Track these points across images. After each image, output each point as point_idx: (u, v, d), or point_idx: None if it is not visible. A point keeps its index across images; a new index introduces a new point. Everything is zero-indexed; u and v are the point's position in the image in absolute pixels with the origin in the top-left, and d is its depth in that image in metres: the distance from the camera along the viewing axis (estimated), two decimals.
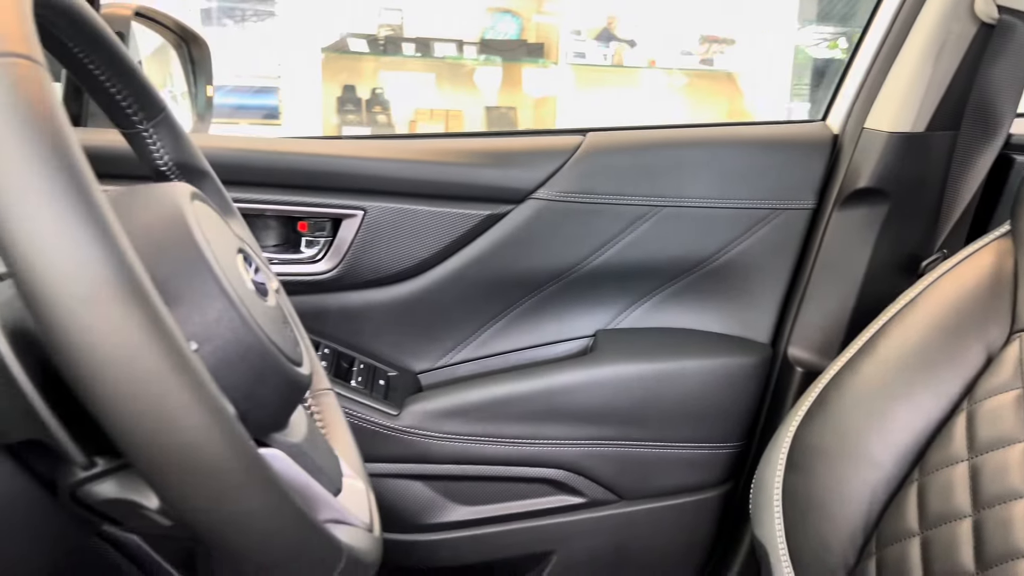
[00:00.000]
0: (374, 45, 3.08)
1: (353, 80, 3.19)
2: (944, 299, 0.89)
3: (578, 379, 1.01)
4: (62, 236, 0.29)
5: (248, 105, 3.08)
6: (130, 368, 0.30)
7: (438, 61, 3.16)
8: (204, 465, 0.33)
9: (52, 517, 0.43)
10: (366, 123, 3.18)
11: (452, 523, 0.99)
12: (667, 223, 1.02)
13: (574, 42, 3.16)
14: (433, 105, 3.29)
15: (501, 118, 3.35)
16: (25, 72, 0.32)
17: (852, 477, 0.86)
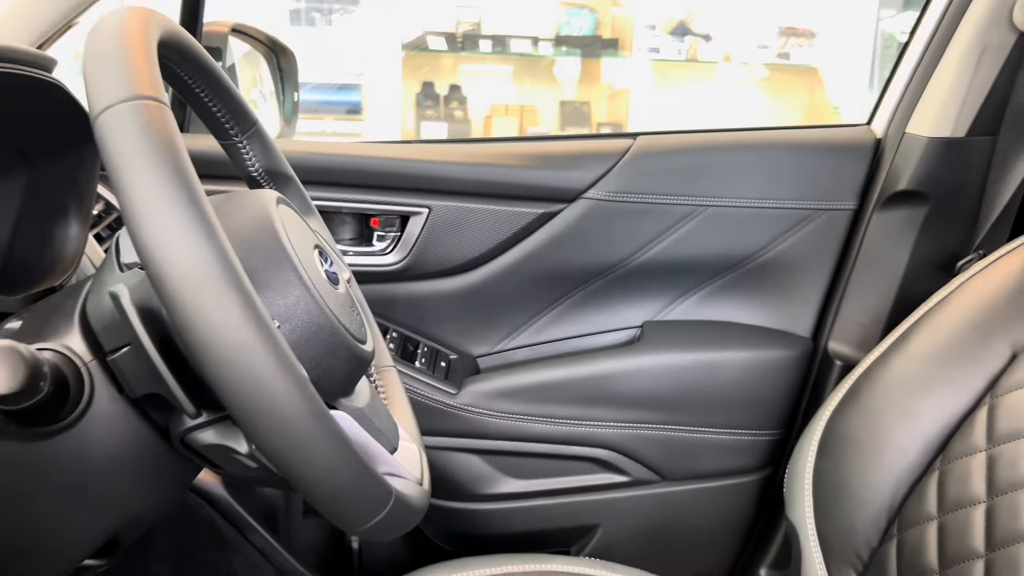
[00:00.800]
0: (452, 42, 3.19)
1: (432, 77, 3.31)
2: (975, 297, 0.93)
3: (625, 366, 1.09)
4: (182, 239, 0.39)
5: (332, 101, 3.24)
6: (229, 340, 0.40)
7: (514, 57, 3.24)
8: (284, 418, 0.42)
9: (164, 458, 0.54)
10: (444, 118, 3.29)
11: (505, 494, 1.09)
12: (712, 222, 1.08)
13: (648, 37, 3.19)
14: (508, 100, 3.38)
15: (575, 112, 3.41)
16: (154, 112, 0.43)
17: (879, 464, 0.91)
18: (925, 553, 0.84)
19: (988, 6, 0.98)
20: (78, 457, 0.52)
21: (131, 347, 0.49)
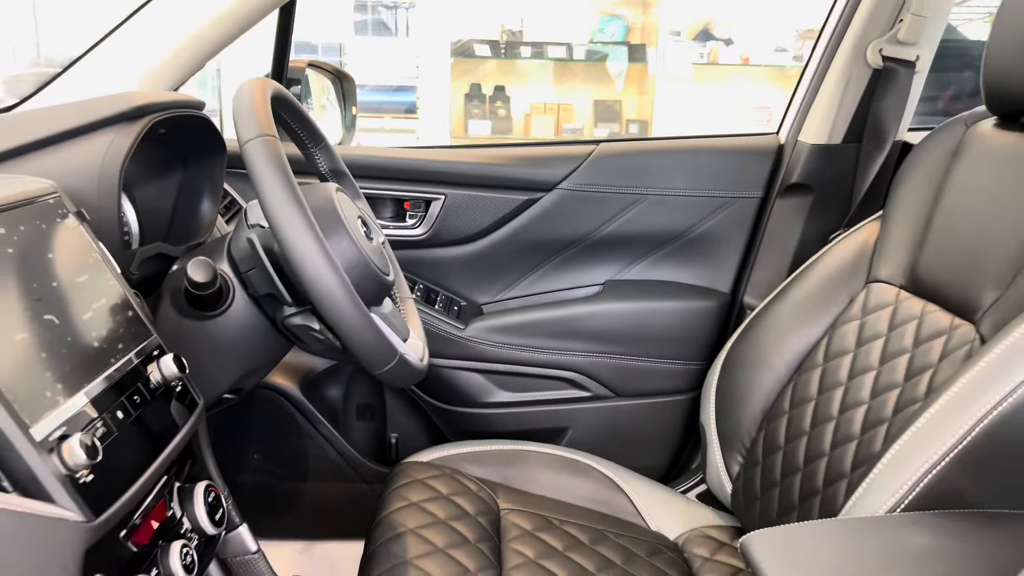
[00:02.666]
0: (496, 49, 3.59)
1: (478, 79, 3.72)
2: (832, 260, 1.29)
3: (590, 311, 1.48)
4: (288, 212, 0.80)
5: (390, 101, 3.67)
6: (311, 262, 0.80)
7: (551, 61, 3.62)
8: (339, 305, 0.82)
9: (271, 335, 0.96)
10: (488, 117, 3.70)
11: (499, 403, 1.50)
12: (655, 207, 1.47)
13: (672, 43, 3.53)
14: (547, 100, 3.76)
15: (607, 110, 3.78)
16: (272, 143, 0.83)
17: (758, 380, 1.28)
18: (779, 436, 1.21)
19: (852, 47, 1.34)
20: (225, 332, 0.94)
21: (258, 268, 0.91)
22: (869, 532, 0.81)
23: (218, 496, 0.80)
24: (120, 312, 0.75)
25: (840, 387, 1.16)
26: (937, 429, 0.86)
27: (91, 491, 0.58)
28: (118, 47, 1.15)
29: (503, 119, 3.69)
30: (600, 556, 1.14)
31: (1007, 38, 1.00)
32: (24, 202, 0.69)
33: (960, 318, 1.03)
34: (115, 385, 0.67)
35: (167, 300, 0.93)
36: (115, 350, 0.70)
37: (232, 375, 0.97)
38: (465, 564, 1.06)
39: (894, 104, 1.32)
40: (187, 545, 0.71)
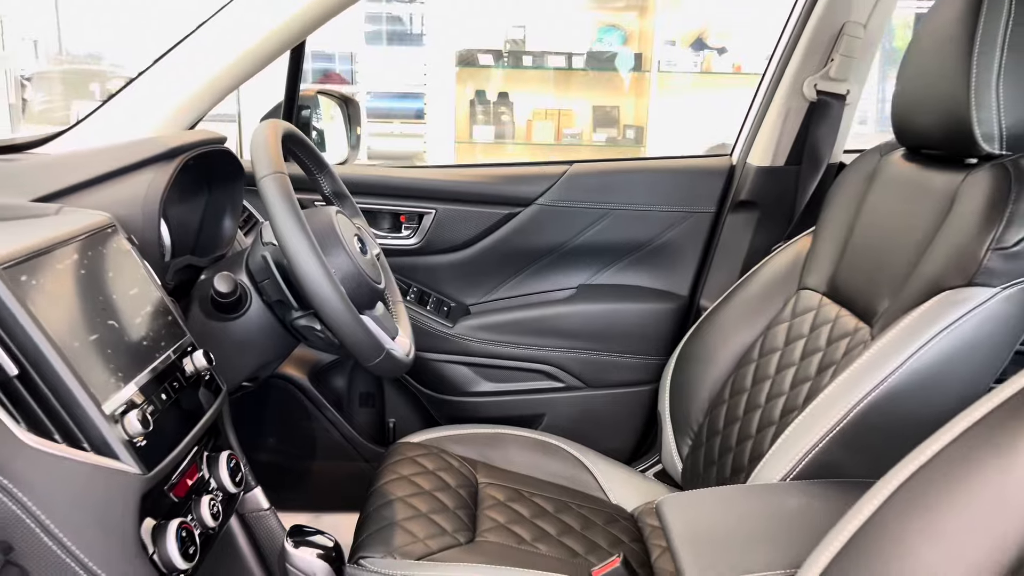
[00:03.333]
0: (499, 58, 3.79)
1: (483, 86, 3.91)
2: (770, 269, 1.48)
3: (565, 312, 1.68)
4: (293, 236, 1.00)
5: (399, 108, 3.87)
6: (312, 276, 1.01)
7: (551, 70, 3.81)
8: (335, 310, 1.03)
9: (281, 333, 1.16)
10: (492, 122, 3.89)
11: (483, 392, 1.70)
12: (621, 220, 1.66)
13: (667, 51, 3.71)
14: (549, 105, 3.95)
15: (605, 115, 3.96)
16: (281, 179, 1.03)
17: (704, 372, 1.47)
18: (719, 422, 1.41)
19: (791, 82, 1.53)
20: (244, 331, 1.14)
21: (270, 279, 1.11)
22: (757, 496, 1.00)
23: (238, 463, 1.01)
24: (162, 317, 0.95)
25: (768, 380, 1.35)
26: (821, 414, 1.06)
27: (145, 452, 0.78)
28: (145, 89, 1.36)
29: (506, 124, 3.88)
30: (562, 522, 1.34)
31: (911, 80, 1.17)
32: (91, 232, 0.89)
33: (862, 322, 1.22)
34: (159, 374, 0.88)
35: (196, 305, 1.13)
36: (159, 347, 0.91)
37: (250, 366, 1.18)
38: (444, 526, 1.26)
39: (828, 132, 1.51)
40: (214, 499, 0.92)
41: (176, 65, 1.37)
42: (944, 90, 1.07)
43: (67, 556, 0.70)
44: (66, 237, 0.85)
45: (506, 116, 3.88)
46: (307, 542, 0.90)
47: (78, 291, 0.82)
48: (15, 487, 0.66)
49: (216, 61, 1.36)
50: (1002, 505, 0.67)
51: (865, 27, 1.47)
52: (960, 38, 1.05)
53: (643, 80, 3.78)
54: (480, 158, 3.93)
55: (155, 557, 0.78)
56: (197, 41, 1.36)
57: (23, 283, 0.74)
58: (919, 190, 1.19)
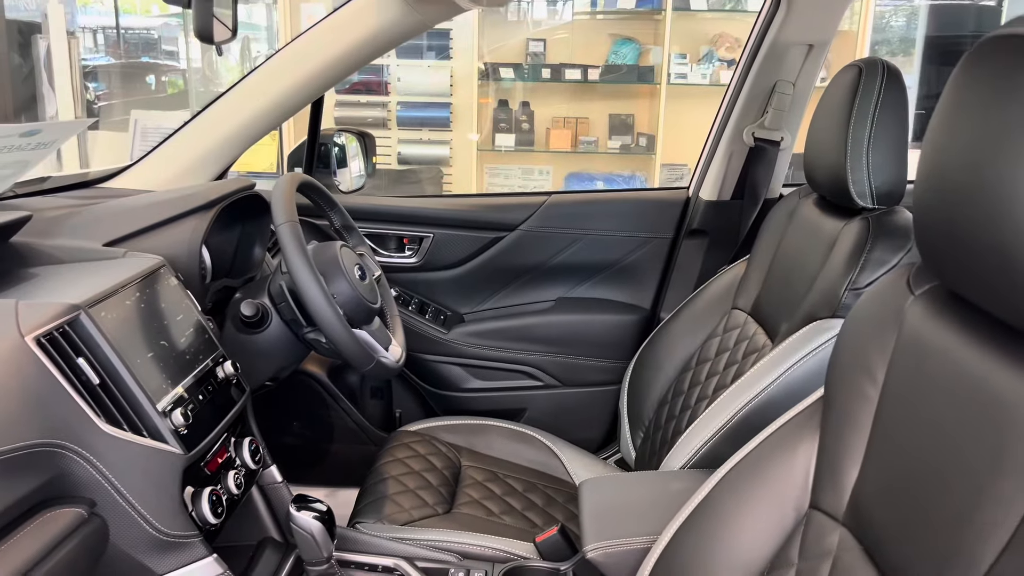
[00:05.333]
0: (519, 71, 4.05)
1: (506, 95, 4.18)
2: (712, 289, 1.73)
3: (545, 321, 1.96)
4: (301, 272, 1.30)
5: (428, 116, 4.16)
6: (314, 301, 1.30)
7: (569, 83, 4.06)
8: (334, 327, 1.32)
9: (295, 344, 1.46)
10: (514, 130, 4.16)
11: (474, 388, 1.99)
12: (593, 243, 1.93)
13: (677, 65, 3.93)
14: (567, 114, 4.20)
15: (621, 124, 4.19)
16: (294, 227, 1.33)
17: (654, 376, 1.73)
18: (662, 418, 1.67)
19: (733, 129, 1.78)
20: (266, 343, 1.45)
21: (286, 302, 1.41)
22: (655, 480, 1.27)
23: (258, 447, 1.32)
24: (200, 335, 1.26)
25: (699, 385, 1.61)
26: (715, 415, 1.32)
27: (186, 438, 1.08)
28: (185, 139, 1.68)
29: (526, 132, 4.14)
30: (528, 499, 1.63)
31: (812, 139, 1.42)
32: (148, 273, 1.20)
33: (769, 339, 1.48)
34: (198, 379, 1.18)
35: (229, 321, 1.44)
36: (197, 359, 1.21)
37: (270, 370, 1.48)
38: (426, 500, 1.56)
39: (765, 172, 1.76)
40: (238, 474, 1.23)
41: (211, 120, 1.68)
42: (829, 152, 1.32)
43: (132, 510, 1.00)
44: (130, 279, 1.15)
45: (526, 124, 4.14)
46: (307, 507, 1.20)
47: (139, 319, 1.13)
48: (97, 461, 0.97)
49: (246, 117, 1.67)
50: (785, 491, 0.95)
51: (794, 85, 1.71)
52: (841, 112, 1.30)
53: (655, 92, 4.01)
54: (503, 163, 4.21)
55: (193, 514, 1.09)
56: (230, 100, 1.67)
57: (102, 317, 1.05)
58: (817, 231, 1.44)
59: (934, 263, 0.75)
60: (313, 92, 1.71)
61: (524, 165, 4.24)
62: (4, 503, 0.87)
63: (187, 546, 1.07)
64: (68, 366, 0.97)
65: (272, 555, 1.32)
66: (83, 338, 1.01)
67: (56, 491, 0.95)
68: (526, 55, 4.10)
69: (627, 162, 4.18)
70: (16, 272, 1.21)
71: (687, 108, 3.97)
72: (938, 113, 0.70)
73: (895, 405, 0.80)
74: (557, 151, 4.12)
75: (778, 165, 1.77)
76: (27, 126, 1.28)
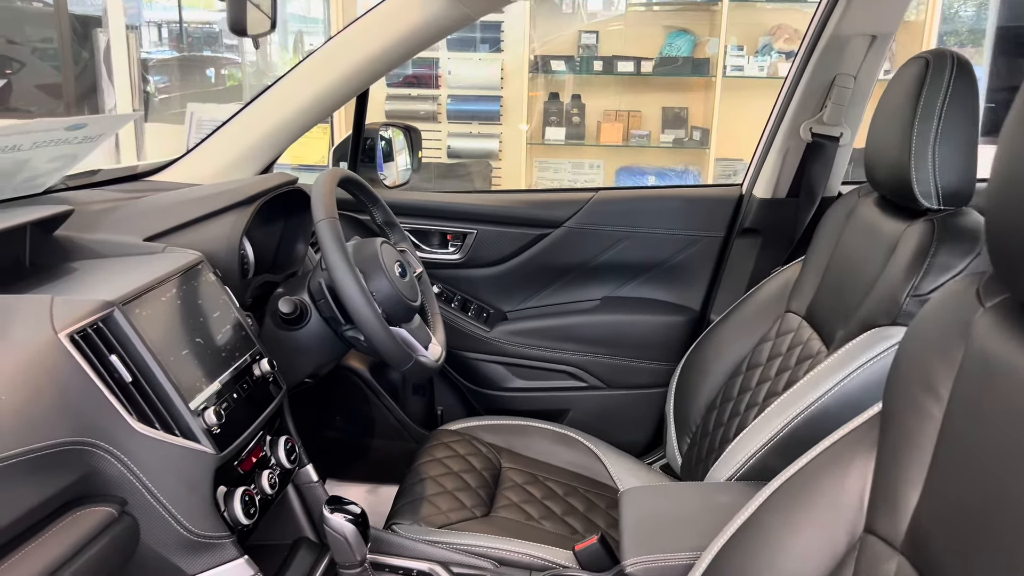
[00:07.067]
0: (571, 63, 3.99)
1: (557, 88, 4.13)
2: (764, 291, 1.67)
3: (589, 320, 1.92)
4: (339, 269, 1.27)
5: (478, 110, 4.13)
6: (352, 297, 1.28)
7: (622, 75, 3.99)
8: (372, 326, 1.30)
9: (335, 341, 1.44)
10: (564, 124, 4.11)
11: (516, 388, 1.96)
12: (641, 241, 1.88)
13: (733, 57, 3.83)
14: (619, 107, 4.13)
15: (675, 117, 4.11)
16: (334, 224, 1.31)
17: (702, 381, 1.68)
18: (710, 425, 1.62)
19: (789, 125, 1.70)
20: (305, 340, 1.43)
21: (324, 299, 1.39)
22: (700, 492, 1.22)
23: (293, 445, 1.30)
24: (238, 332, 1.25)
25: (749, 391, 1.55)
26: (765, 425, 1.26)
27: (218, 437, 1.07)
28: (232, 133, 1.67)
29: (576, 126, 4.08)
30: (568, 504, 1.59)
31: (873, 136, 1.34)
32: (186, 269, 1.19)
33: (824, 345, 1.41)
34: (234, 378, 1.17)
35: (268, 318, 1.43)
36: (233, 356, 1.20)
37: (309, 368, 1.47)
38: (465, 502, 1.53)
39: (822, 170, 1.68)
40: (272, 473, 1.21)
41: (260, 112, 1.67)
42: (892, 150, 1.25)
43: (163, 510, 0.99)
44: (168, 275, 1.14)
45: (577, 118, 4.09)
46: (341, 509, 1.17)
47: (175, 316, 1.12)
48: (128, 460, 0.96)
49: (292, 110, 1.66)
50: (837, 512, 0.89)
51: (855, 78, 1.63)
52: (905, 108, 1.22)
53: (710, 84, 3.91)
54: (553, 157, 4.16)
55: (225, 515, 1.07)
56: (276, 93, 1.66)
57: (136, 313, 1.04)
58: (877, 233, 1.37)
59: (1008, 273, 0.68)
60: (358, 85, 1.69)
61: (574, 159, 4.18)
62: (34, 501, 0.87)
63: (218, 547, 1.06)
64: (101, 363, 0.96)
65: (306, 556, 1.30)
66: (116, 335, 1.00)
67: (86, 489, 0.94)
68: (578, 47, 4.04)
69: (680, 156, 4.09)
70: (58, 266, 1.21)
71: (743, 101, 3.86)
72: (1017, 108, 0.64)
73: (961, 426, 0.74)
74: (608, 145, 4.06)
75: (836, 162, 1.69)
76: (73, 120, 1.28)
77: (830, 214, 1.55)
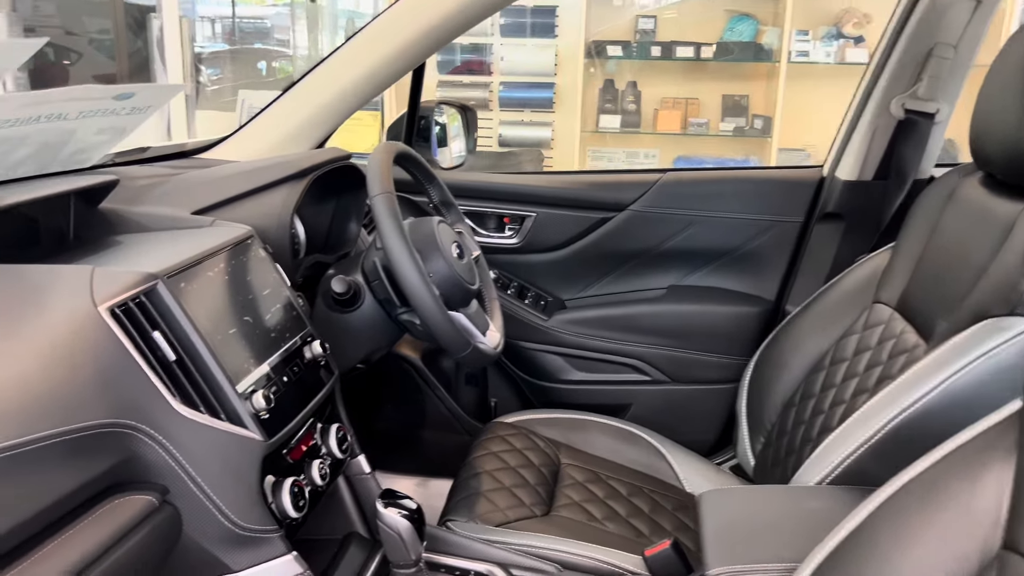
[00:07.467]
0: (627, 49, 3.87)
1: (612, 75, 4.01)
2: (849, 280, 1.54)
3: (654, 310, 1.81)
4: (396, 248, 1.19)
5: (530, 97, 4.04)
6: (409, 280, 1.19)
7: (680, 61, 3.85)
8: (429, 309, 1.21)
9: (388, 325, 1.36)
10: (619, 111, 3.98)
11: (574, 380, 1.86)
12: (711, 226, 1.76)
13: (798, 42, 3.66)
14: (676, 94, 3.99)
15: (735, 105, 3.96)
16: (390, 199, 1.22)
17: (779, 376, 1.56)
18: (788, 423, 1.50)
19: (879, 100, 1.57)
20: (358, 323, 1.35)
21: (379, 280, 1.31)
22: (786, 496, 1.11)
23: (345, 434, 1.22)
24: (288, 312, 1.17)
25: (834, 388, 1.43)
26: (860, 425, 1.14)
27: (267, 423, 0.99)
28: (285, 108, 1.60)
29: (632, 114, 3.96)
30: (632, 505, 1.49)
31: (983, 107, 1.21)
32: (235, 243, 1.11)
33: (921, 339, 1.28)
34: (284, 360, 1.09)
35: (320, 299, 1.35)
36: (284, 337, 1.12)
37: (361, 352, 1.39)
38: (523, 499, 1.43)
39: (914, 149, 1.54)
40: (323, 463, 1.13)
41: (313, 87, 1.59)
42: (1005, 124, 1.12)
43: (207, 500, 0.92)
44: (215, 248, 1.07)
45: (633, 105, 3.96)
46: (395, 504, 1.09)
47: (222, 293, 1.05)
48: (171, 445, 0.89)
49: (346, 84, 1.58)
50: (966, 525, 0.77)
51: (956, 48, 1.49)
52: (1021, 79, 1.09)
53: (773, 70, 3.76)
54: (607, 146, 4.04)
55: (272, 507, 1.00)
56: (330, 67, 1.58)
57: (181, 288, 0.96)
58: (985, 215, 1.24)
59: None
60: (415, 58, 1.61)
61: (629, 148, 4.06)
62: (70, 486, 0.79)
63: (265, 541, 0.98)
64: (143, 340, 0.89)
65: (357, 553, 1.22)
66: (160, 310, 0.92)
67: (126, 476, 0.87)
68: (635, 32, 3.91)
69: (740, 146, 3.94)
70: (102, 239, 1.15)
71: (807, 89, 3.71)
72: None
73: None
74: (665, 133, 3.92)
75: (931, 141, 1.55)
76: (120, 88, 1.21)
77: (926, 196, 1.42)
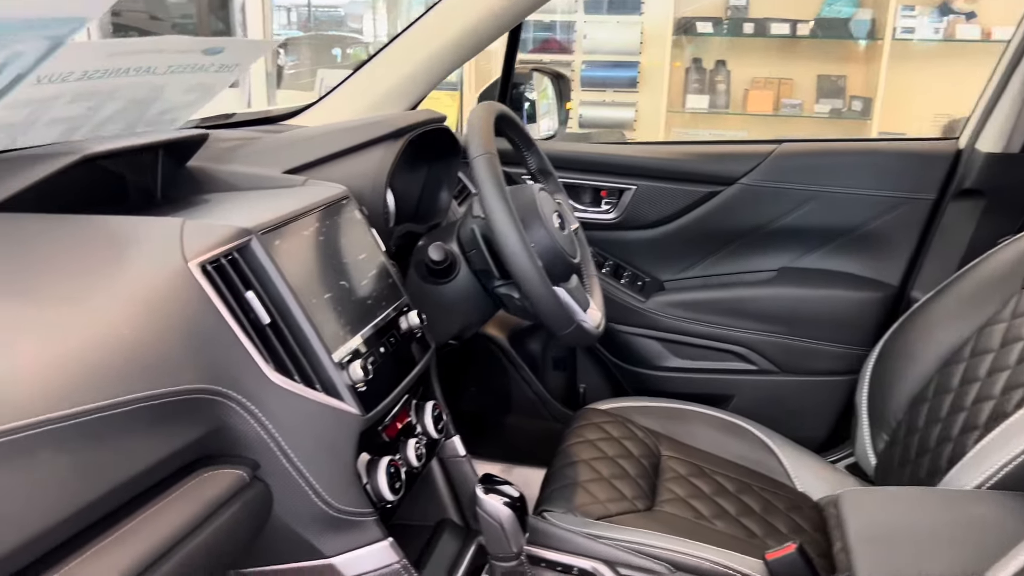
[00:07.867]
0: (718, 26, 3.69)
1: (700, 53, 3.84)
2: (990, 264, 1.39)
3: (763, 294, 1.67)
4: (499, 212, 1.09)
5: (613, 76, 3.90)
6: (513, 249, 1.09)
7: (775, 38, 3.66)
8: (532, 281, 1.11)
9: (484, 298, 1.26)
10: (707, 91, 3.82)
11: (672, 367, 1.73)
12: (830, 203, 1.61)
13: (904, 18, 3.43)
14: (768, 74, 3.80)
15: (831, 85, 3.75)
16: (492, 160, 1.12)
17: (907, 368, 1.42)
18: (919, 420, 1.35)
19: None
20: (452, 295, 1.26)
21: (477, 250, 1.21)
22: (944, 500, 0.97)
23: (441, 413, 1.13)
24: (384, 279, 1.08)
25: (978, 382, 1.28)
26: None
27: (364, 396, 0.90)
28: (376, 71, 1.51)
29: (721, 94, 3.79)
30: (742, 503, 1.36)
31: None
32: (330, 203, 1.03)
33: None
34: (379, 330, 1.00)
35: (413, 269, 1.26)
36: (380, 306, 1.04)
37: (455, 327, 1.29)
38: (624, 492, 1.32)
39: None
40: (419, 443, 1.04)
41: (402, 50, 1.50)
42: None
43: (299, 478, 0.84)
44: (310, 207, 0.99)
45: (722, 85, 3.79)
46: (496, 490, 0.99)
47: (317, 254, 0.96)
48: (263, 415, 0.81)
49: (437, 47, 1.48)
50: None
51: None
52: None
53: (875, 49, 3.53)
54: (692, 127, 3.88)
55: (368, 488, 0.91)
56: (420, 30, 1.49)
57: (276, 246, 0.88)
58: None
59: None
60: (512, 17, 1.50)
61: (715, 129, 3.89)
62: (156, 456, 0.72)
63: (359, 525, 0.89)
64: (236, 300, 0.81)
65: (451, 541, 1.13)
66: (254, 268, 0.84)
67: (215, 448, 0.79)
68: (726, 8, 3.73)
69: (836, 128, 3.73)
70: (190, 198, 1.08)
71: (911, 69, 3.48)
72: None
73: None
74: (755, 114, 3.74)
75: None
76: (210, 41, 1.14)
77: None
